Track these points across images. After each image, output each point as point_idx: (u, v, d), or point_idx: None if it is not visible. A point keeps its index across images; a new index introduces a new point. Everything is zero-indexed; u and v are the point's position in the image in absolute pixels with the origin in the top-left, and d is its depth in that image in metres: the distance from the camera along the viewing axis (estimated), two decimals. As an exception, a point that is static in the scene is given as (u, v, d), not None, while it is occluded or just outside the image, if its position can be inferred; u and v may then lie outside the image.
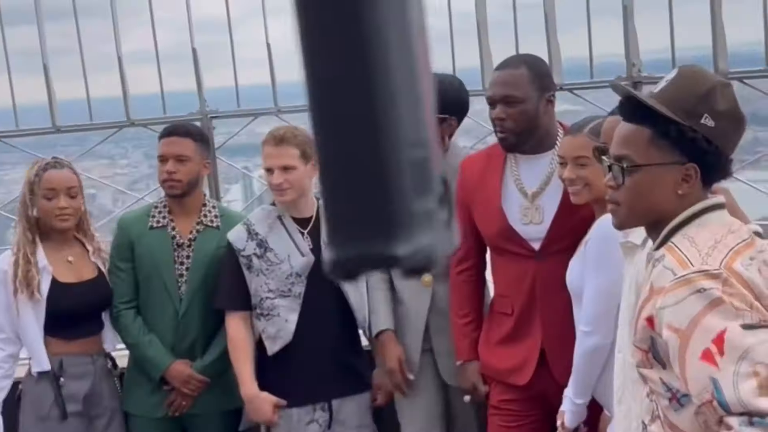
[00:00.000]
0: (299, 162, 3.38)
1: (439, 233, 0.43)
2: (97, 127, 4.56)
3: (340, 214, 0.43)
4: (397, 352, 3.48)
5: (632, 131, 2.02)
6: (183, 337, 3.64)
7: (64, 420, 3.53)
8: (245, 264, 3.45)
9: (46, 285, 3.51)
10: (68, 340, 3.56)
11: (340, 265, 0.44)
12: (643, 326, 2.00)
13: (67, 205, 3.52)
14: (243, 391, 3.46)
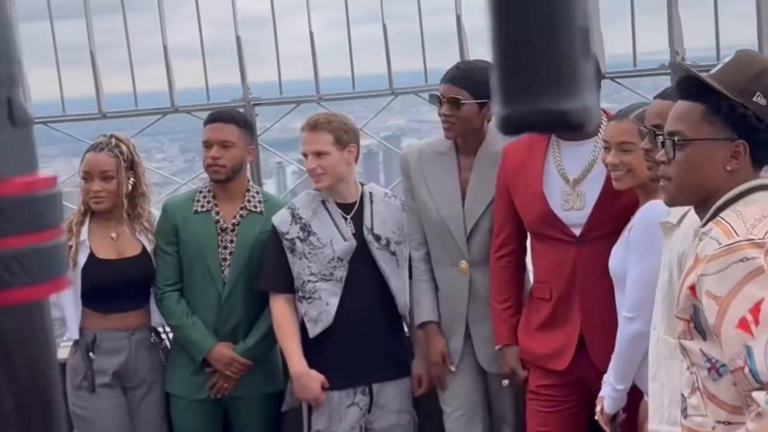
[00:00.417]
0: (333, 148, 3.46)
1: (595, 96, 0.49)
2: (142, 113, 4.65)
3: (514, 72, 0.48)
4: (441, 345, 3.53)
5: (686, 108, 2.09)
6: (226, 320, 3.72)
7: (92, 392, 3.63)
8: (288, 247, 3.53)
9: (83, 258, 3.62)
10: (105, 314, 3.66)
11: (511, 120, 0.50)
12: (686, 295, 2.05)
13: (101, 188, 3.63)
14: (292, 369, 3.54)
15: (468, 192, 3.48)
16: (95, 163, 3.64)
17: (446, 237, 3.47)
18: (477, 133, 3.47)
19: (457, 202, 3.47)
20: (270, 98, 4.55)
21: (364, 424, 3.61)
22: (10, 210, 0.58)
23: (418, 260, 3.55)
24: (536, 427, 3.36)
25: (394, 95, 4.51)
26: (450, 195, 3.48)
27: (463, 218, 3.46)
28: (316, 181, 3.50)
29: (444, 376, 3.55)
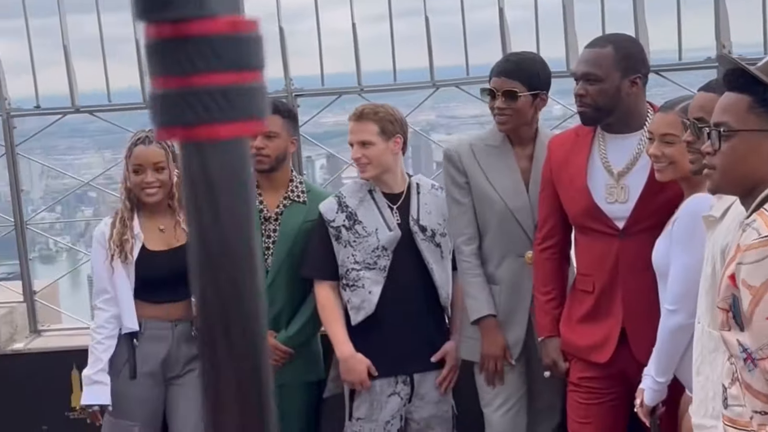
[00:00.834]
0: (378, 138, 3.52)
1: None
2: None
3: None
4: (502, 339, 3.54)
5: (733, 99, 2.13)
6: (268, 309, 3.79)
7: (133, 379, 3.71)
8: (334, 235, 3.59)
9: (137, 251, 3.70)
10: (152, 303, 3.74)
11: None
12: (726, 284, 2.09)
13: (154, 179, 3.69)
14: (338, 352, 3.60)
15: (532, 183, 3.52)
16: (147, 155, 3.70)
17: (513, 228, 3.51)
18: (529, 124, 3.53)
19: (522, 193, 3.52)
20: (312, 89, 4.61)
21: (404, 414, 3.66)
22: (219, 46, 0.60)
23: (470, 255, 3.55)
24: (577, 419, 3.39)
25: (435, 88, 4.56)
26: (514, 186, 3.52)
27: (530, 209, 3.51)
28: (362, 170, 3.57)
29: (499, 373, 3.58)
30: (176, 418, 3.81)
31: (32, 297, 4.81)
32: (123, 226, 3.68)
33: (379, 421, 3.63)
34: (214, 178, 0.63)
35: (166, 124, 0.59)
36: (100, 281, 3.70)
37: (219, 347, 0.68)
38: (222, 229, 0.65)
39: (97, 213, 11.58)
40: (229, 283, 0.66)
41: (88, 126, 5.82)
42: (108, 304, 3.69)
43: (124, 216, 3.71)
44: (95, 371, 3.65)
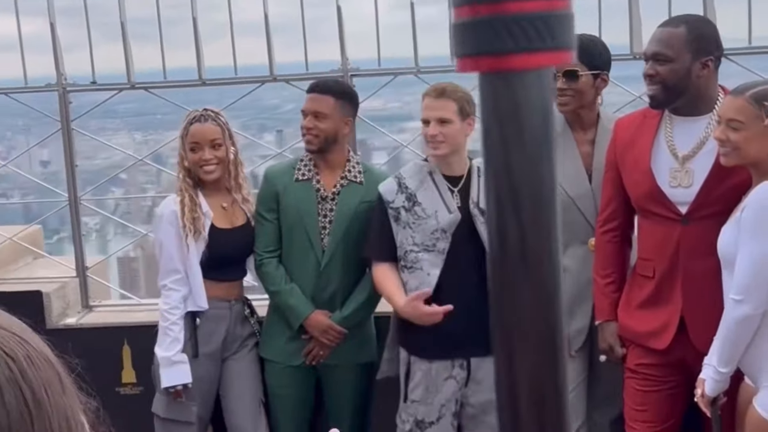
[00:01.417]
0: (456, 117, 3.52)
1: None
2: (241, 81, 4.78)
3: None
4: None
5: None
6: (324, 288, 3.83)
7: (195, 358, 3.76)
8: (393, 216, 3.61)
9: (207, 229, 3.75)
10: (215, 282, 3.80)
11: None
12: None
13: (212, 156, 3.74)
14: (397, 305, 3.56)
15: (594, 169, 3.52)
16: (203, 132, 3.75)
17: (576, 216, 3.51)
18: (590, 106, 3.52)
19: (584, 180, 3.52)
20: (368, 69, 4.63)
21: (460, 398, 3.69)
22: None
23: None
24: (634, 405, 3.39)
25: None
26: (576, 174, 3.52)
27: (592, 196, 3.51)
28: (434, 148, 3.55)
29: None
30: (231, 395, 3.88)
31: (84, 272, 4.89)
32: (192, 203, 3.73)
33: (435, 404, 3.65)
34: (522, 110, 0.60)
35: (472, 53, 0.56)
36: (170, 261, 3.74)
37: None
38: (527, 161, 0.63)
39: (127, 194, 11.72)
40: (531, 219, 0.65)
41: (118, 108, 5.88)
42: (179, 283, 3.73)
43: (191, 194, 3.75)
44: (174, 352, 3.69)
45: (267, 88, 4.74)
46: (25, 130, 12.65)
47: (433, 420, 3.66)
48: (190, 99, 4.77)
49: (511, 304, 0.69)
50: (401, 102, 10.35)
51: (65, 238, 11.63)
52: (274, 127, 13.90)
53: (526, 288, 0.68)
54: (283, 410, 3.96)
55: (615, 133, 3.39)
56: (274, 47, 4.62)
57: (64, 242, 11.87)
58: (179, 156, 3.84)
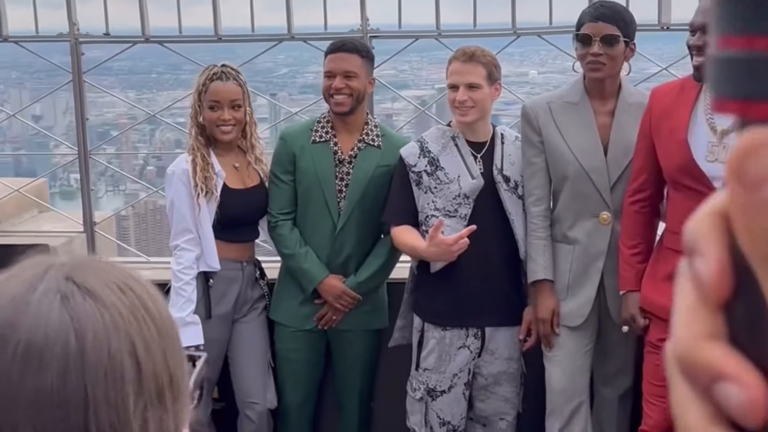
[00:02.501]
0: (485, 82, 3.49)
1: None
2: (257, 39, 4.73)
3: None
4: (553, 303, 3.57)
5: None
6: (338, 252, 3.81)
7: (208, 319, 3.75)
8: (415, 180, 3.59)
9: (219, 188, 3.72)
10: (227, 243, 3.78)
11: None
12: None
13: (230, 117, 3.70)
14: (420, 249, 3.48)
15: (610, 142, 3.50)
16: (226, 91, 3.71)
17: (588, 188, 3.49)
18: (617, 76, 3.49)
19: (599, 152, 3.49)
20: (388, 31, 4.59)
21: (472, 368, 3.69)
22: None
23: (537, 215, 3.56)
24: (653, 381, 3.39)
25: (516, 36, 4.52)
26: (591, 145, 3.49)
27: (606, 168, 3.49)
28: (463, 114, 3.52)
29: (549, 336, 3.61)
30: (239, 357, 3.88)
31: (92, 228, 4.87)
32: (204, 163, 3.70)
33: (447, 373, 3.65)
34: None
35: (739, 97, 0.46)
36: (183, 220, 3.71)
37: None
38: None
39: (119, 152, 11.72)
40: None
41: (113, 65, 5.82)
42: (191, 243, 3.72)
43: (203, 153, 3.72)
44: (188, 313, 3.67)
45: (268, 50, 4.70)
46: (18, 84, 12.56)
47: (444, 389, 3.67)
48: (200, 58, 4.73)
49: None
50: (396, 70, 10.34)
51: (56, 194, 11.60)
52: (268, 91, 13.89)
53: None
54: (292, 374, 3.96)
55: (651, 102, 3.35)
56: (292, 7, 4.57)
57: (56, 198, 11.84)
58: (192, 112, 3.79)
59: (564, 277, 3.57)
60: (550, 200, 3.62)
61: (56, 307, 0.85)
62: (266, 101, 6.36)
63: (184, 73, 7.34)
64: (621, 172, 3.47)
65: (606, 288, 3.54)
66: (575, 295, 3.57)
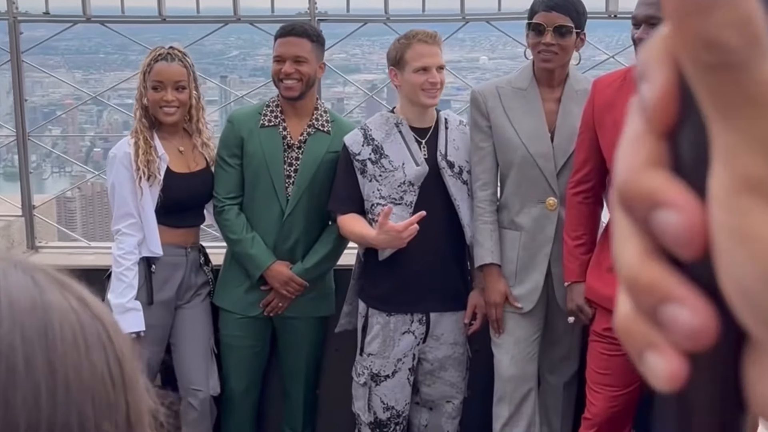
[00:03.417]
0: None
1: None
2: (202, 20, 4.69)
3: None
4: (503, 287, 3.61)
5: None
6: (286, 238, 3.81)
7: (149, 305, 3.74)
8: (359, 168, 3.60)
9: (163, 172, 3.70)
10: (171, 228, 3.77)
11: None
12: None
13: (174, 98, 3.69)
14: (370, 236, 3.50)
15: (557, 128, 3.54)
16: (169, 72, 3.69)
17: (535, 174, 3.53)
18: (567, 65, 3.53)
19: (545, 138, 3.53)
20: (336, 15, 4.57)
21: (417, 354, 3.71)
22: None
23: (483, 200, 3.60)
24: (597, 369, 3.46)
25: (465, 21, 4.54)
26: (537, 131, 3.53)
27: (553, 154, 3.52)
28: (433, 96, 3.55)
29: (500, 320, 3.64)
30: (182, 343, 3.87)
31: (31, 212, 4.80)
32: (147, 146, 3.66)
33: (391, 357, 3.68)
34: None
35: None
36: (124, 205, 3.70)
37: None
38: None
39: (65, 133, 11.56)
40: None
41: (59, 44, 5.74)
42: (133, 228, 3.70)
43: (146, 136, 3.69)
44: (128, 299, 3.66)
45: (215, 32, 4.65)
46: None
47: (388, 374, 3.70)
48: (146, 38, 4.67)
49: None
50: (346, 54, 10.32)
51: (0, 176, 11.37)
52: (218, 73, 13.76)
53: None
54: (236, 361, 3.96)
55: (593, 93, 3.40)
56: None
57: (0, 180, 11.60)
58: (138, 93, 3.76)
59: (512, 263, 3.60)
60: (497, 185, 3.64)
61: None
62: (216, 84, 6.30)
63: (132, 53, 7.26)
64: (567, 159, 3.52)
65: (553, 275, 3.59)
66: (523, 282, 3.61)
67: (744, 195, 0.33)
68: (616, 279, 0.40)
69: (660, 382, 0.36)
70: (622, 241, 0.37)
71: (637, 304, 0.36)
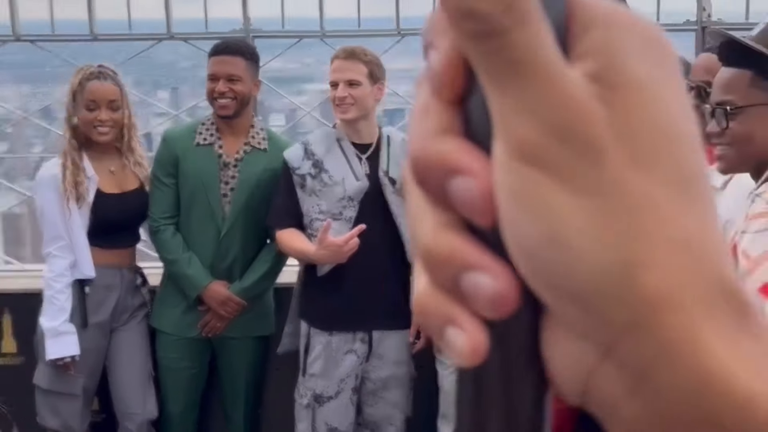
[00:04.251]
0: (366, 80, 3.52)
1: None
2: (135, 38, 4.65)
3: None
4: None
5: (732, 75, 2.17)
6: (223, 258, 3.78)
7: (84, 328, 3.69)
8: (299, 183, 3.59)
9: (92, 194, 3.65)
10: (103, 249, 3.73)
11: None
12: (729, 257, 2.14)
13: (108, 117, 3.66)
14: (310, 252, 3.49)
15: None
16: (103, 91, 3.67)
17: None
18: None
19: None
20: (271, 31, 4.56)
21: (361, 373, 3.70)
22: None
23: None
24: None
25: (400, 36, 4.55)
26: None
27: None
28: (343, 111, 3.54)
29: None
30: (118, 367, 3.83)
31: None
32: (75, 167, 3.62)
33: (334, 378, 3.66)
34: None
35: None
36: (54, 227, 3.65)
37: None
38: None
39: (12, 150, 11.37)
40: None
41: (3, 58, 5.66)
42: (64, 250, 3.65)
43: (74, 157, 3.64)
44: (61, 322, 3.61)
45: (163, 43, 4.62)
46: None
47: (331, 395, 3.67)
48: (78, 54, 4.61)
49: None
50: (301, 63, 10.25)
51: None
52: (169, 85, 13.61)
53: None
54: (175, 384, 3.91)
55: None
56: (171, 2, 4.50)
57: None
58: (67, 113, 3.71)
59: None
60: None
61: None
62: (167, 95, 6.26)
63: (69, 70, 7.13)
64: None
65: None
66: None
67: (520, 160, 0.33)
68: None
69: (462, 357, 0.35)
70: (418, 218, 0.37)
71: (436, 278, 0.36)
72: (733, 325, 0.34)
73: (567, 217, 0.33)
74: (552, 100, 0.33)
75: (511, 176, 0.33)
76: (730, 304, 0.34)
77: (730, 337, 0.34)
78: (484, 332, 0.35)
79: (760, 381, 0.33)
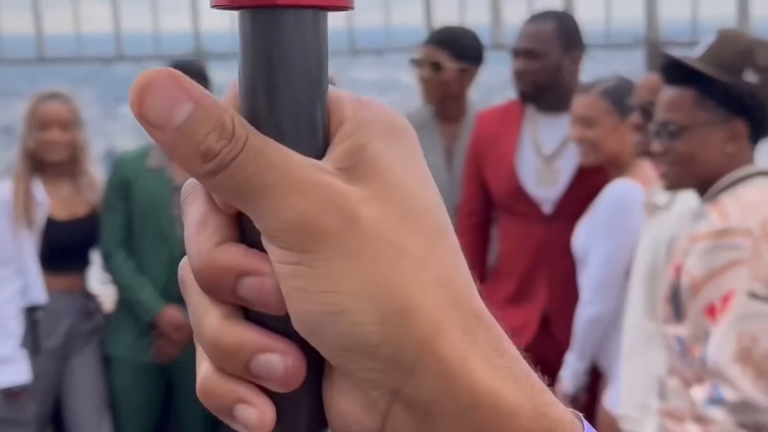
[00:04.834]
0: None
1: None
2: (85, 60, 4.61)
3: None
4: None
5: (676, 95, 2.20)
6: (176, 282, 3.72)
7: (36, 354, 3.66)
8: None
9: (42, 218, 3.63)
10: (54, 274, 3.70)
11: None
12: (671, 275, 2.17)
13: (59, 138, 3.64)
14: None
15: (455, 162, 3.56)
16: (55, 112, 3.66)
17: None
18: (457, 99, 3.55)
19: (441, 174, 3.54)
20: (226, 50, 4.55)
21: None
22: None
23: None
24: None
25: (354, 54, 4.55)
26: (434, 167, 3.53)
27: (450, 190, 3.53)
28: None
29: None
30: (72, 394, 3.80)
31: None
32: (26, 193, 3.60)
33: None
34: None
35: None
36: (4, 251, 3.61)
37: None
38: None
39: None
40: None
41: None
42: (14, 275, 3.62)
43: (25, 182, 3.62)
44: (12, 349, 3.57)
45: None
46: None
47: None
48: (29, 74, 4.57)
49: None
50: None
51: None
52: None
53: None
54: (129, 411, 3.89)
55: (476, 127, 3.43)
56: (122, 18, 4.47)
57: None
58: (21, 137, 3.70)
59: None
60: None
61: None
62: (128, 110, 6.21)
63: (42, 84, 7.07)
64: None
65: None
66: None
67: (286, 249, 0.39)
68: (507, 314, 0.44)
69: (253, 429, 0.41)
70: (200, 313, 0.42)
71: (224, 364, 0.41)
72: (491, 347, 0.41)
73: (340, 285, 0.38)
74: (294, 187, 0.38)
75: (285, 266, 0.39)
76: (488, 330, 0.41)
77: (490, 358, 0.40)
78: (271, 404, 0.41)
79: (520, 392, 0.40)
